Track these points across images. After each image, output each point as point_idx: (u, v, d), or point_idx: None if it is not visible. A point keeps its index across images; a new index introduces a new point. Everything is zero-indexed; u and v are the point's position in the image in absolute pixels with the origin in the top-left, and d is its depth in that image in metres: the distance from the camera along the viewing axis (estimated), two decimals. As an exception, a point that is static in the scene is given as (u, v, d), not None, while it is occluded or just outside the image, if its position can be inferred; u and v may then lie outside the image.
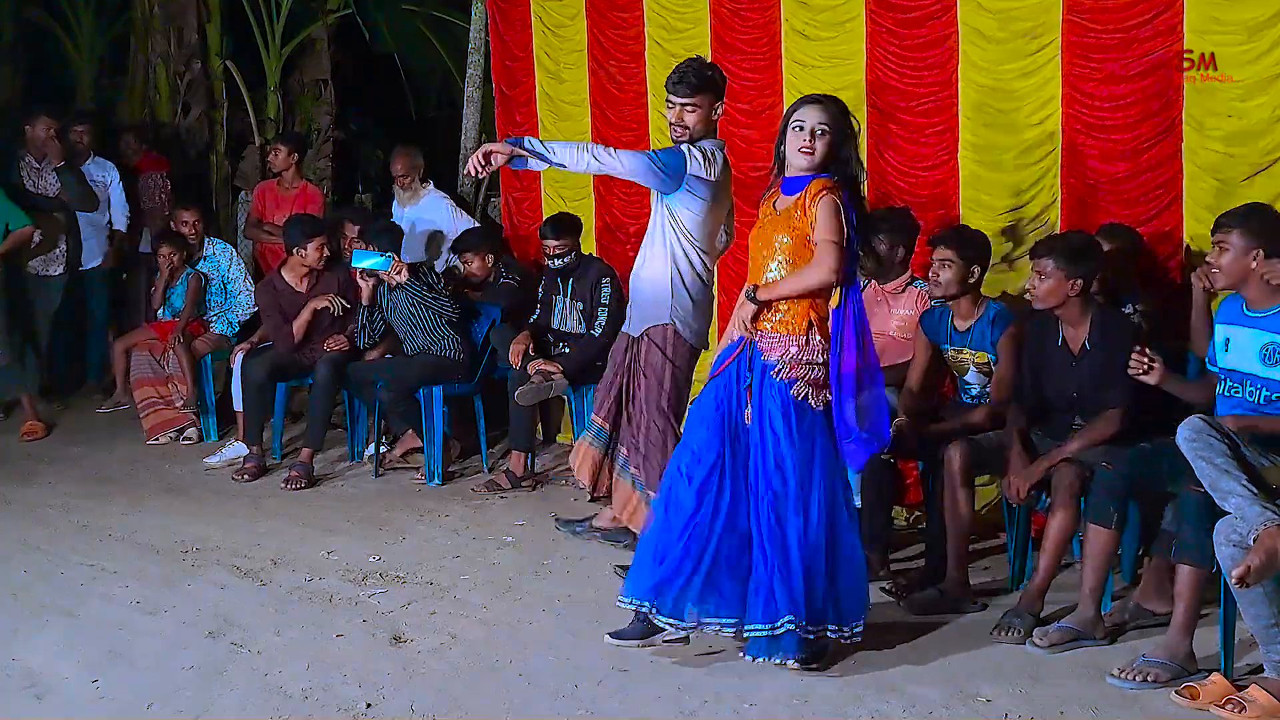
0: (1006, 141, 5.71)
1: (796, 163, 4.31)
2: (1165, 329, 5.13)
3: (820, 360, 4.28)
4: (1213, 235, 4.38)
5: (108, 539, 5.85)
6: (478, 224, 7.86)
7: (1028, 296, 4.91)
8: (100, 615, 4.86)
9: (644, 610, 4.30)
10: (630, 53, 7.11)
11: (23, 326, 8.13)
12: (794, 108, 4.39)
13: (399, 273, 6.70)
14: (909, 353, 5.40)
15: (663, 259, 5.10)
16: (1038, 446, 4.86)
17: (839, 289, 4.27)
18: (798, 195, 4.30)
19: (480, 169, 4.83)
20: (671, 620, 4.25)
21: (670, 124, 5.06)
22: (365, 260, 6.75)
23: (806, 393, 4.27)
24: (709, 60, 5.59)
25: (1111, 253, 5.02)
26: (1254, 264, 4.25)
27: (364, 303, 6.97)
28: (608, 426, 5.35)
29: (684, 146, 5.00)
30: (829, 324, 4.28)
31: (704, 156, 5.01)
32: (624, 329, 5.40)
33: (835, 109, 4.34)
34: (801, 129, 4.29)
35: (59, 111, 8.76)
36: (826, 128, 4.27)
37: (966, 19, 5.74)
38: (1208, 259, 4.42)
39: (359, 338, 7.05)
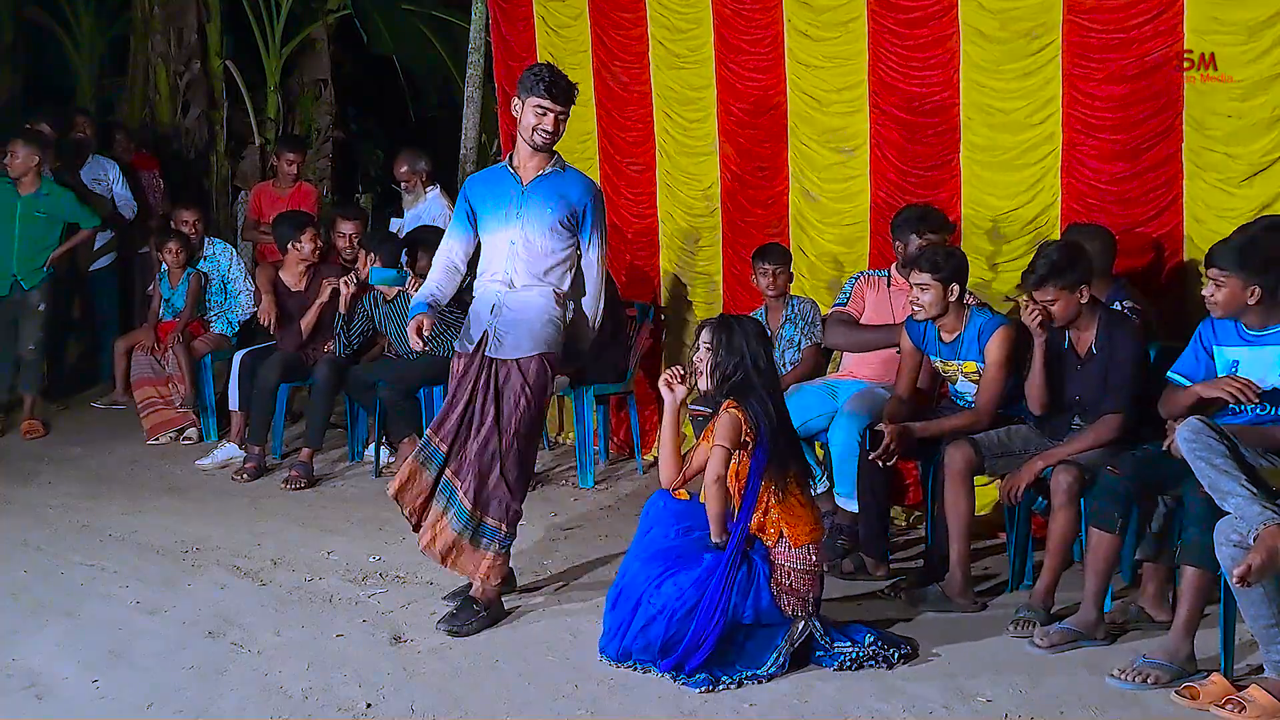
0: (1007, 141, 5.71)
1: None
2: (1162, 328, 5.13)
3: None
4: (1207, 268, 4.37)
5: (108, 539, 5.85)
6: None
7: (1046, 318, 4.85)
8: (100, 615, 4.85)
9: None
10: (634, 53, 7.11)
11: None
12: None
13: (416, 288, 6.71)
14: None
15: (551, 288, 4.85)
16: (1038, 446, 4.86)
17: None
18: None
19: None
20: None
21: (533, 128, 4.74)
22: (382, 277, 6.79)
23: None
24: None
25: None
26: (1251, 300, 4.26)
27: (340, 311, 6.99)
28: (445, 450, 4.87)
29: (599, 191, 5.03)
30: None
31: None
32: (475, 350, 4.88)
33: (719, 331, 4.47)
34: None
35: (58, 114, 8.76)
36: (708, 346, 4.46)
37: (968, 19, 5.74)
38: (1204, 292, 4.40)
39: (336, 346, 7.05)
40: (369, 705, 4.05)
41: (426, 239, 7.23)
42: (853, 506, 5.32)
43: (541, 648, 4.52)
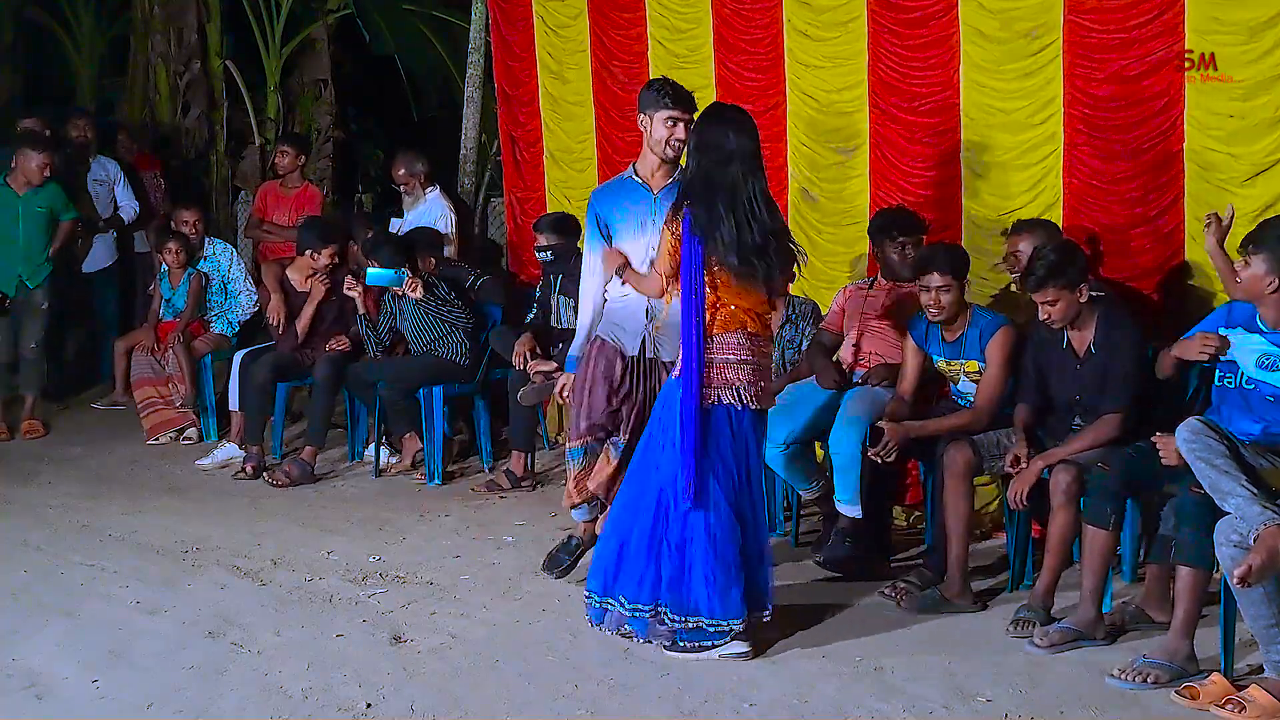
0: (1008, 141, 5.70)
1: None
2: (1159, 329, 5.12)
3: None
4: (1242, 243, 4.38)
5: (108, 539, 5.85)
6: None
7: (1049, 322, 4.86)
8: (100, 615, 4.85)
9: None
10: (633, 53, 7.11)
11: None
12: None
13: (414, 290, 6.72)
14: None
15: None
16: (1044, 444, 4.86)
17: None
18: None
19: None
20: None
21: (666, 140, 4.86)
22: (380, 278, 6.79)
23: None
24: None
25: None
26: (1268, 290, 4.26)
27: (361, 312, 6.98)
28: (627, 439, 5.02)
29: None
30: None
31: None
32: (639, 352, 5.00)
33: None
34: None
35: (54, 113, 8.77)
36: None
37: (968, 19, 5.74)
38: (1236, 266, 4.42)
39: (366, 346, 7.06)
40: (369, 705, 4.05)
41: (423, 240, 7.23)
42: (854, 512, 5.29)
43: (541, 648, 4.52)
